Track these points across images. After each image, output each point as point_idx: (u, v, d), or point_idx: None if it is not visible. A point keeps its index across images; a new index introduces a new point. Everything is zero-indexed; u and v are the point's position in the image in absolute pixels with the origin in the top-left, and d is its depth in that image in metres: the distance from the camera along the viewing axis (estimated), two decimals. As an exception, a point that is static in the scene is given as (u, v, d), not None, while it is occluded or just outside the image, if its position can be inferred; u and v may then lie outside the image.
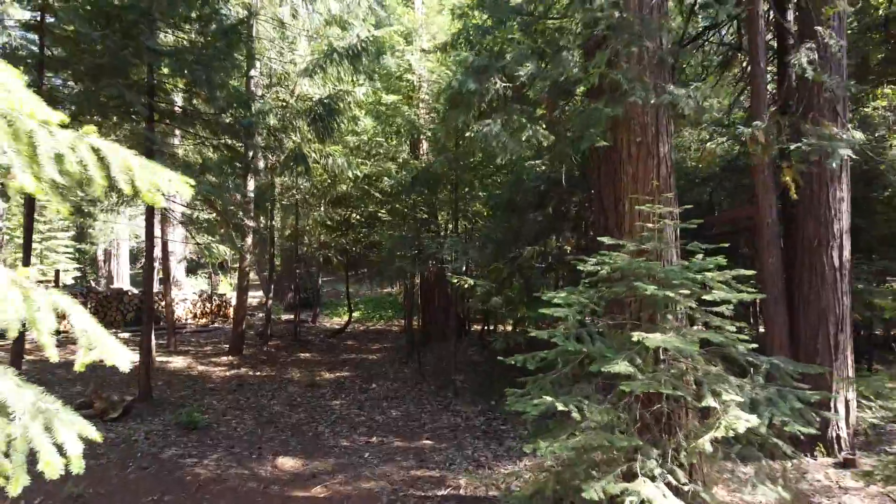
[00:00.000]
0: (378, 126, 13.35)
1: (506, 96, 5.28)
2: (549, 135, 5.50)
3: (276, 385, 10.54)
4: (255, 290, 24.76)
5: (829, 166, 5.73)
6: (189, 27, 8.99)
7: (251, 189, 12.11)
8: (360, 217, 14.57)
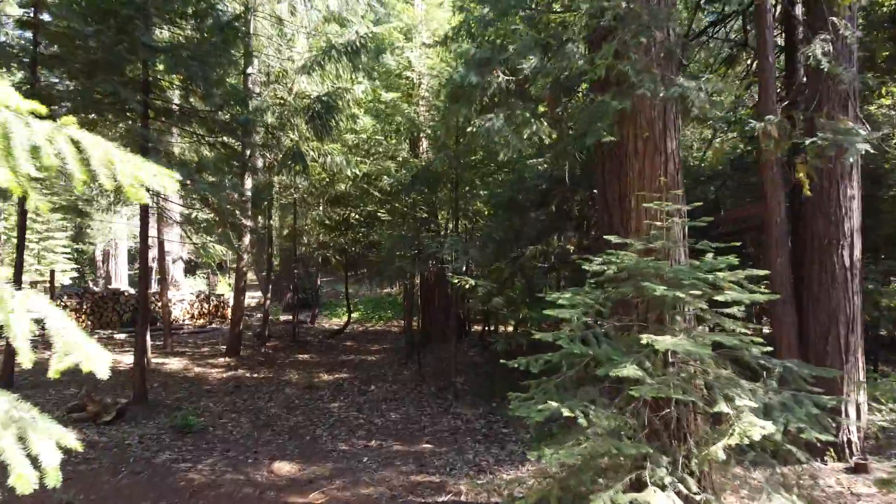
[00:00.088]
0: (377, 124, 13.20)
1: (508, 90, 5.12)
2: (553, 131, 5.34)
3: (273, 387, 10.38)
4: (253, 290, 24.59)
5: (843, 162, 5.58)
6: (185, 23, 8.83)
7: (248, 188, 11.95)
8: (359, 216, 14.41)
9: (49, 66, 9.23)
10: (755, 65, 8.23)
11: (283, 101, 12.07)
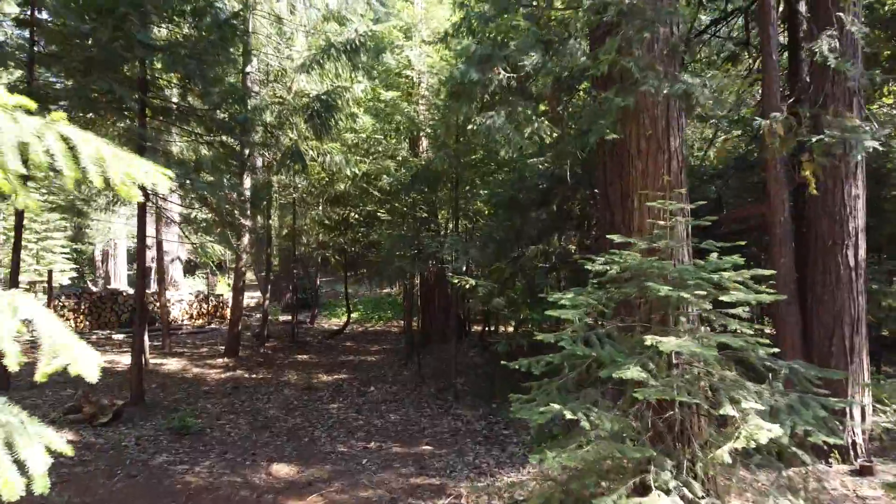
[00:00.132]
0: (377, 124, 13.12)
1: (509, 87, 5.04)
2: (554, 130, 5.27)
3: (272, 388, 10.31)
4: (253, 290, 24.50)
5: (847, 161, 5.50)
6: (182, 21, 8.75)
7: (247, 187, 11.88)
8: (358, 216, 14.32)
9: (46, 64, 9.15)
10: (758, 63, 8.18)
11: (282, 100, 11.99)
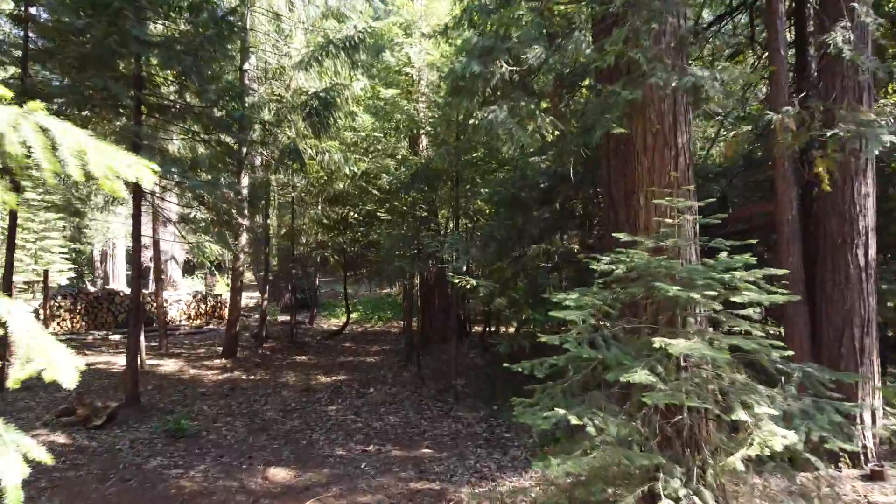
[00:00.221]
0: (376, 122, 12.97)
1: (512, 81, 4.90)
2: (559, 123, 5.12)
3: (269, 389, 10.16)
4: (252, 290, 24.36)
5: (858, 158, 5.36)
6: (178, 17, 8.60)
7: (245, 186, 11.73)
8: (357, 215, 14.18)
9: (40, 61, 9.01)
10: (764, 59, 8.04)
11: (280, 98, 11.84)
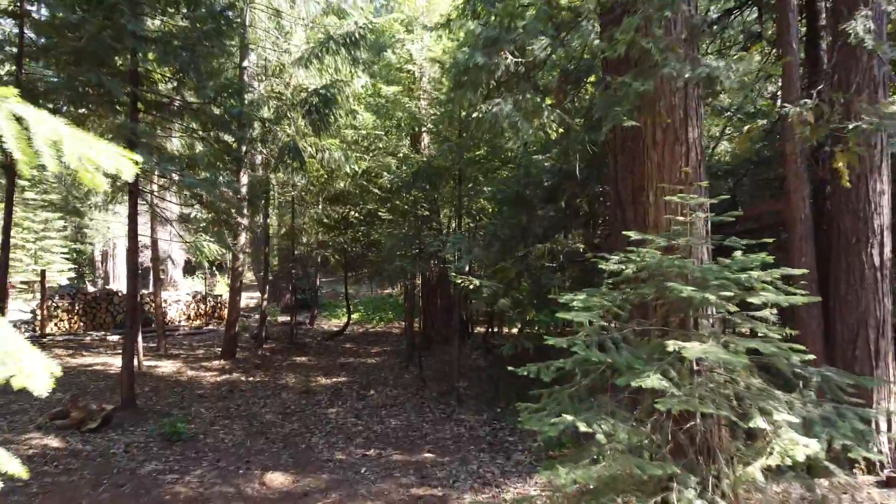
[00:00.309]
0: (377, 120, 12.80)
1: (517, 73, 4.73)
2: (566, 117, 4.95)
3: (268, 391, 9.99)
4: (252, 290, 24.22)
5: (872, 155, 5.17)
6: (175, 11, 8.43)
7: (244, 184, 11.56)
8: (358, 215, 14.02)
9: (35, 57, 8.86)
10: (773, 54, 7.86)
11: (280, 95, 11.67)
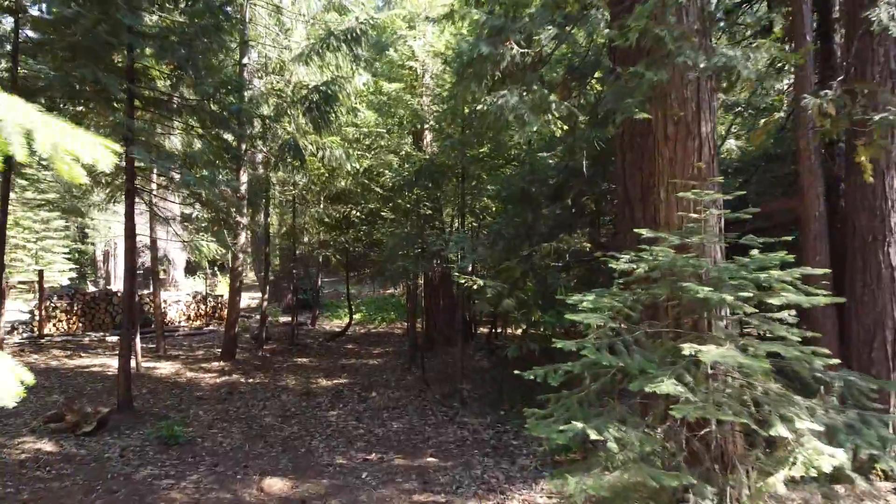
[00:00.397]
0: (379, 118, 12.63)
1: (523, 64, 4.56)
2: (574, 110, 4.77)
3: (268, 393, 9.82)
4: (254, 291, 24.07)
5: (889, 150, 4.98)
6: (173, 6, 8.27)
7: (244, 183, 11.40)
8: (360, 214, 13.85)
9: (31, 53, 8.70)
10: (786, 48, 7.66)
11: (280, 93, 11.51)
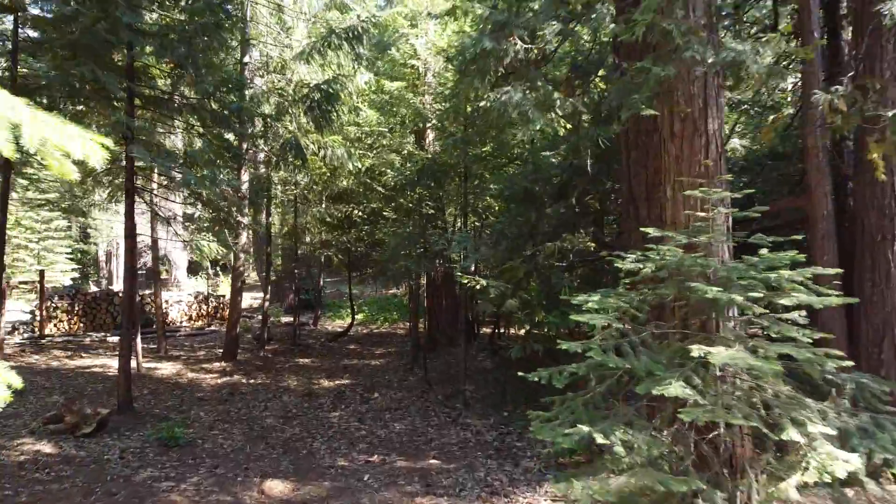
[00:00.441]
0: (381, 117, 12.56)
1: (527, 60, 4.48)
2: (579, 106, 4.68)
3: (270, 394, 9.76)
4: (256, 291, 23.99)
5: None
6: (172, 4, 8.20)
7: (245, 182, 11.34)
8: (362, 214, 13.77)
9: (31, 52, 8.66)
10: (792, 46, 7.57)
11: (281, 91, 11.44)
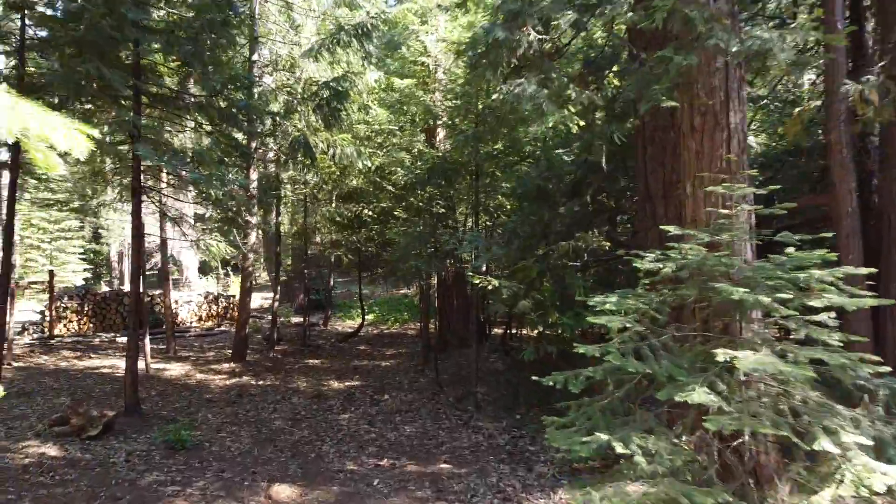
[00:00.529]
0: (391, 115, 12.43)
1: (541, 51, 4.32)
2: (596, 99, 4.52)
3: (279, 396, 9.65)
4: (266, 291, 23.97)
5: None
6: (178, 0, 8.11)
7: (254, 180, 11.23)
8: (372, 213, 13.64)
9: (38, 50, 8.59)
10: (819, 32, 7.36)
11: (290, 90, 11.33)
